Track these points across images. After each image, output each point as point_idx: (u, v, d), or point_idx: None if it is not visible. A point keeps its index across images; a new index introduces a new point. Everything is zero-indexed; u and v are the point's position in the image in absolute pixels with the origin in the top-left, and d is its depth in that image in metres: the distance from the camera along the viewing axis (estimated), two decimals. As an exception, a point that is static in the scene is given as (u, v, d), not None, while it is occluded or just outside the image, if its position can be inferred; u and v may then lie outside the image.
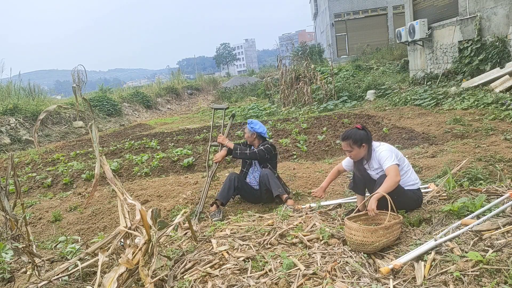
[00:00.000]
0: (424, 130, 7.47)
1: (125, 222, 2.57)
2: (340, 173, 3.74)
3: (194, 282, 2.49)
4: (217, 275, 2.52)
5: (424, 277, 2.28)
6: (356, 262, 2.53)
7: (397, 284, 2.27)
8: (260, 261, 2.65)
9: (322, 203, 3.85)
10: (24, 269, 2.96)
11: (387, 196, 2.82)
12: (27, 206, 5.21)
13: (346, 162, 3.57)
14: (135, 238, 2.67)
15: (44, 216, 4.86)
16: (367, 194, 3.43)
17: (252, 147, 4.51)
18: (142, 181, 6.18)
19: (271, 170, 4.40)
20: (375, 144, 3.30)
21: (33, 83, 18.41)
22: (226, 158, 6.58)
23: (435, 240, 2.55)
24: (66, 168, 7.37)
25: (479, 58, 10.95)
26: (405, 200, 3.13)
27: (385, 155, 3.15)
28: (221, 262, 2.69)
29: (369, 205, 2.92)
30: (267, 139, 4.60)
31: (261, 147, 4.35)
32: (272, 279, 2.40)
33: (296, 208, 3.81)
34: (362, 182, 3.40)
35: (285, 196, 4.17)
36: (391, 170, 3.04)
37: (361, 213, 3.03)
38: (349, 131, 3.31)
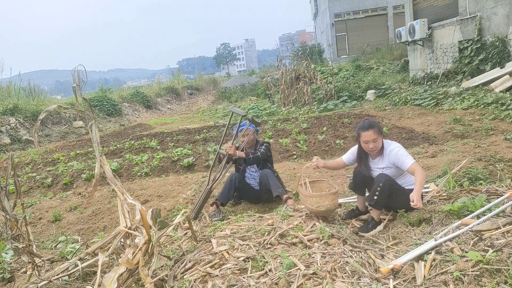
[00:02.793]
0: (424, 130, 7.47)
1: (125, 222, 2.57)
2: (339, 166, 3.64)
3: (194, 282, 2.49)
4: (217, 275, 2.52)
5: (424, 277, 2.28)
6: (356, 262, 2.53)
7: (397, 284, 2.27)
8: (260, 261, 2.64)
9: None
10: (24, 269, 2.96)
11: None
12: (27, 206, 5.21)
13: (347, 156, 3.54)
14: (135, 238, 2.67)
15: (44, 216, 4.86)
16: (367, 194, 3.43)
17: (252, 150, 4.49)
18: (142, 181, 6.18)
19: (271, 169, 4.43)
20: (385, 142, 3.29)
21: (33, 83, 18.44)
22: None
23: (435, 240, 2.55)
24: (66, 168, 7.37)
25: (479, 58, 10.96)
26: (405, 200, 3.12)
27: (403, 154, 3.16)
28: (221, 262, 2.69)
29: (416, 201, 2.87)
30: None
31: (262, 148, 4.38)
32: (272, 279, 2.39)
33: (296, 208, 3.81)
34: (363, 182, 3.40)
35: (285, 196, 4.18)
36: (416, 166, 3.08)
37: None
38: (368, 121, 3.24)
